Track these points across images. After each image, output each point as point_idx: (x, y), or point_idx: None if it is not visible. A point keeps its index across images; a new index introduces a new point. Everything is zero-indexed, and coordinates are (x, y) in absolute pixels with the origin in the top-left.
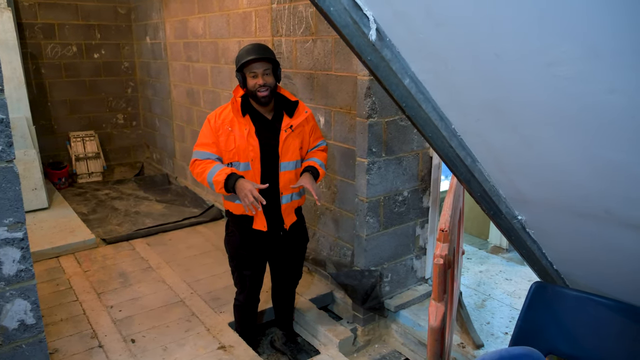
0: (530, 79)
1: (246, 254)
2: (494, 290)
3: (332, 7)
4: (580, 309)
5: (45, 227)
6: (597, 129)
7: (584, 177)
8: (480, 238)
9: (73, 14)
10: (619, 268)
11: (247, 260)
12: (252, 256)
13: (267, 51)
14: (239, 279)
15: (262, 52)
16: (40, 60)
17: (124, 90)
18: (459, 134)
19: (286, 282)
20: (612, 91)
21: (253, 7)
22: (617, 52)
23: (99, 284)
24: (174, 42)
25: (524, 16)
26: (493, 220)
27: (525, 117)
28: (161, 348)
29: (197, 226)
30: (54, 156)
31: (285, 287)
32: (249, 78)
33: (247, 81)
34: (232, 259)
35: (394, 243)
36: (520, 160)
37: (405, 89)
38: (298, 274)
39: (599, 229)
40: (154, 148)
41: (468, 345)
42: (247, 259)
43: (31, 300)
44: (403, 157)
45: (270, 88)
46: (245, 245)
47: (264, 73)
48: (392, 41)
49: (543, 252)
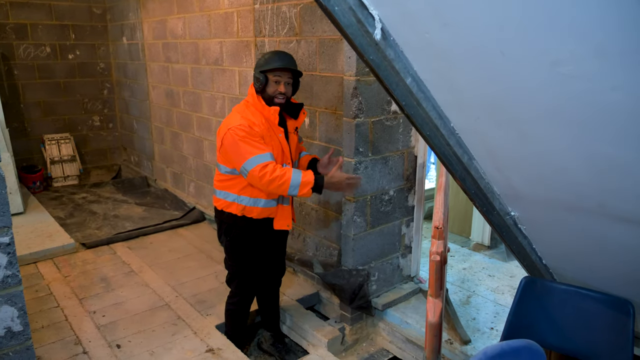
0: (534, 77)
1: (255, 257)
2: (478, 287)
3: (336, 7)
4: (568, 302)
5: (22, 232)
6: (597, 125)
7: (580, 173)
8: (462, 236)
9: (46, 14)
10: (607, 261)
11: (254, 263)
12: (260, 258)
13: (294, 63)
14: (242, 284)
15: (292, 63)
16: (13, 62)
17: (100, 92)
18: (458, 132)
19: (276, 279)
20: (615, 88)
21: (235, 7)
22: (622, 51)
23: (80, 290)
24: (152, 42)
25: (531, 16)
26: (485, 217)
27: (526, 115)
28: (148, 353)
29: (178, 229)
30: (28, 159)
31: (274, 285)
32: (271, 82)
33: (269, 85)
34: (237, 264)
35: (380, 242)
36: (517, 157)
37: (407, 88)
38: (285, 267)
39: (590, 223)
40: (131, 150)
41: (455, 341)
42: (255, 262)
43: (18, 307)
44: (389, 157)
45: (286, 98)
46: (258, 248)
47: (286, 82)
48: (396, 41)
49: (533, 247)
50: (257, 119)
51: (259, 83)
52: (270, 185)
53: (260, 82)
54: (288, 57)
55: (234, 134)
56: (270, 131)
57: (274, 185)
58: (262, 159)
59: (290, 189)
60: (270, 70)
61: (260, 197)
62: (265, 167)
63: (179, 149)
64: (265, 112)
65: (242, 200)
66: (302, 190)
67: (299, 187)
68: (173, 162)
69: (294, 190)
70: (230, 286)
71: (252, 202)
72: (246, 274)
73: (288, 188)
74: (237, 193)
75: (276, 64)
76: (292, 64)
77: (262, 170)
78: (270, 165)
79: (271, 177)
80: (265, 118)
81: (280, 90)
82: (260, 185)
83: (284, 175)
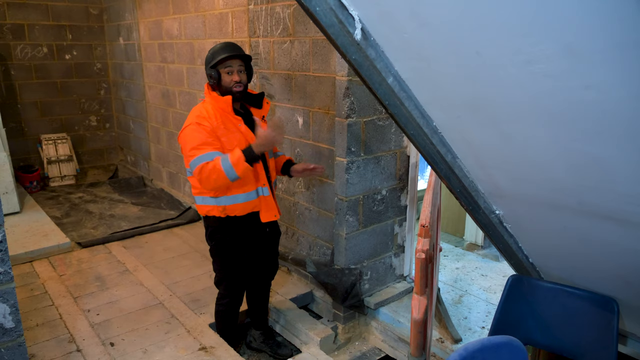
0: (509, 76)
1: (242, 257)
2: (471, 286)
3: (317, 7)
4: (554, 300)
5: (18, 231)
6: (573, 123)
7: (559, 171)
8: (456, 236)
9: (43, 15)
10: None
11: (242, 263)
12: (247, 257)
13: (241, 49)
14: (230, 286)
15: (237, 49)
16: (10, 62)
17: (97, 92)
18: (440, 131)
19: (267, 276)
20: (587, 87)
21: (229, 8)
22: (591, 50)
23: (75, 288)
24: (148, 43)
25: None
26: (471, 215)
27: (505, 113)
28: (141, 351)
29: (174, 228)
30: (25, 159)
31: (266, 283)
32: (224, 75)
33: (222, 78)
34: (224, 266)
35: (373, 241)
36: (499, 155)
37: (389, 87)
38: (277, 265)
39: (572, 221)
40: (128, 150)
41: (447, 340)
42: (242, 263)
43: (10, 304)
44: (381, 157)
45: (244, 85)
46: (244, 247)
47: (239, 70)
48: (377, 41)
49: (519, 245)
50: (211, 113)
51: (212, 79)
52: (210, 182)
53: (213, 78)
54: (232, 45)
55: (183, 137)
56: (228, 122)
57: (213, 179)
58: (203, 159)
59: (228, 174)
60: (219, 63)
61: (238, 193)
62: (205, 166)
63: (175, 149)
64: (219, 104)
65: (220, 201)
66: (239, 167)
67: (234, 167)
68: (169, 161)
69: (232, 173)
70: (218, 288)
71: (231, 200)
72: (234, 275)
73: (225, 174)
74: (214, 195)
75: (223, 54)
76: (239, 51)
77: (201, 171)
78: (209, 164)
79: (208, 174)
80: (221, 110)
81: (235, 79)
82: (206, 185)
83: (215, 165)
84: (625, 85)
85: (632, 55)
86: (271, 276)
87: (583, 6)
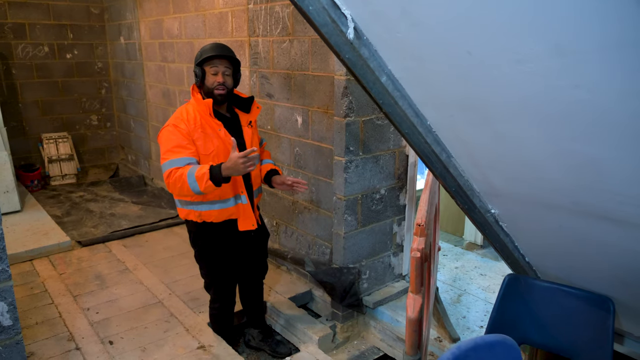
0: (501, 75)
1: (227, 262)
2: (469, 286)
3: (310, 6)
4: (550, 299)
5: (18, 230)
6: (564, 123)
7: (553, 170)
8: (456, 235)
9: (44, 14)
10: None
11: (227, 268)
12: (232, 262)
13: (230, 51)
14: (219, 291)
15: (226, 50)
16: (11, 61)
17: (98, 91)
18: (434, 130)
19: (258, 278)
20: (577, 86)
21: (229, 7)
22: (580, 50)
23: (74, 287)
24: (149, 42)
25: (494, 15)
26: (467, 215)
27: (497, 113)
28: (140, 349)
29: (174, 227)
30: (26, 158)
31: (257, 284)
32: (208, 74)
33: (207, 77)
34: (210, 272)
35: (371, 240)
36: (492, 154)
37: (382, 87)
38: (267, 267)
39: (567, 221)
40: (129, 149)
41: (445, 339)
42: (228, 267)
43: (8, 302)
44: (380, 156)
45: (227, 89)
46: (227, 252)
47: (224, 72)
48: (370, 40)
49: (515, 244)
50: (191, 115)
51: (197, 77)
52: (175, 189)
53: (198, 76)
54: (223, 46)
55: (160, 138)
56: (207, 126)
57: (178, 187)
58: (174, 164)
59: (191, 186)
60: (206, 62)
61: (214, 200)
62: (173, 172)
63: None
64: (200, 106)
65: (197, 206)
66: (202, 184)
67: (197, 182)
68: None
69: (195, 186)
70: (209, 293)
71: (206, 207)
72: (221, 280)
73: (189, 185)
74: (192, 199)
75: (211, 53)
76: (228, 52)
77: (169, 176)
78: (178, 170)
79: (174, 181)
80: (201, 112)
81: (219, 81)
82: (172, 191)
83: (181, 175)
84: (614, 85)
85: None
86: (261, 277)
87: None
